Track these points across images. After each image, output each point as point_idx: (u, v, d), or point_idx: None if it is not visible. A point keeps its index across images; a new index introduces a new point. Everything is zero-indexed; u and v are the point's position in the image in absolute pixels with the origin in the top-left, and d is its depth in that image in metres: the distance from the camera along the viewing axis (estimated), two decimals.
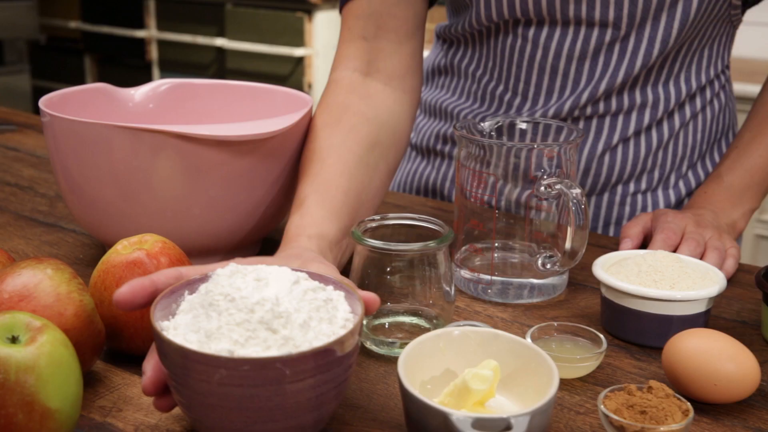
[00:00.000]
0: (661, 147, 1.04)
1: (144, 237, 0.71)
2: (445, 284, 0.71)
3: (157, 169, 0.80)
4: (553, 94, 1.01)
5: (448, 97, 1.12)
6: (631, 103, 1.00)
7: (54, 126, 0.82)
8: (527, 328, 0.76)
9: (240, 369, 0.51)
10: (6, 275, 0.63)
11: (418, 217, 0.74)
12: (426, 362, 0.63)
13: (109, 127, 0.79)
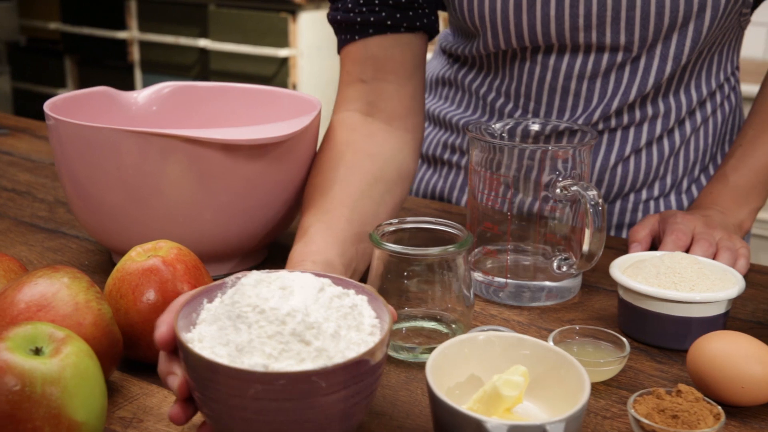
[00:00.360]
0: (673, 154, 1.03)
1: (158, 243, 0.70)
2: (464, 289, 0.70)
3: (167, 173, 0.78)
4: (565, 112, 0.99)
5: (453, 109, 1.11)
6: (642, 116, 0.99)
7: (60, 131, 0.81)
8: (545, 332, 0.75)
9: (276, 383, 0.50)
10: (22, 284, 0.61)
11: (435, 220, 0.73)
12: (451, 368, 0.62)
13: (118, 132, 0.77)
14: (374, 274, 0.71)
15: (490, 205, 0.80)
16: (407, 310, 0.72)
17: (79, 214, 0.85)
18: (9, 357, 0.52)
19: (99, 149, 0.79)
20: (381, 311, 0.58)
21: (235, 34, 3.39)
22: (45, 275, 0.62)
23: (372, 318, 0.57)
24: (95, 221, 0.83)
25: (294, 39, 3.29)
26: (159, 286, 0.66)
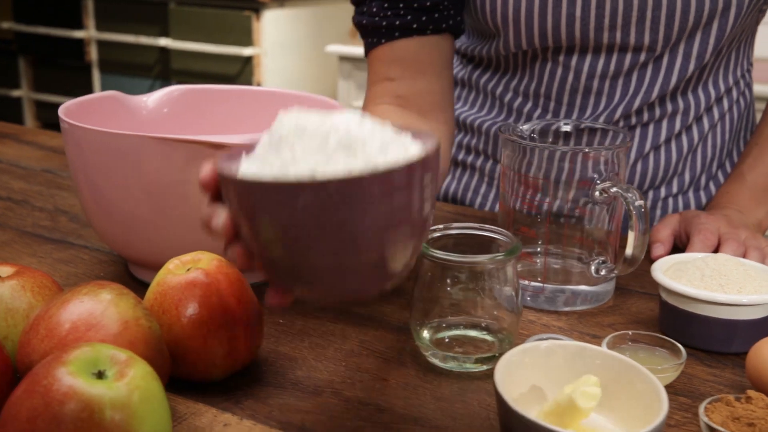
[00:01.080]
0: (692, 150, 1.03)
1: (197, 255, 0.68)
2: (512, 297, 0.68)
3: (192, 181, 0.75)
4: (586, 111, 0.98)
5: (467, 110, 1.10)
6: (662, 113, 0.99)
7: (79, 138, 0.77)
8: (587, 337, 0.74)
9: (326, 190, 0.46)
10: (66, 302, 0.58)
11: (480, 226, 0.71)
12: (513, 379, 0.60)
13: (142, 138, 0.74)
14: (421, 280, 0.69)
15: (525, 208, 0.79)
16: (450, 318, 0.70)
17: (97, 224, 0.82)
18: (73, 382, 0.49)
19: (121, 156, 0.76)
20: (427, 140, 0.52)
21: (197, 32, 3.34)
22: (90, 292, 0.59)
23: (417, 144, 0.51)
24: (114, 230, 0.80)
25: (258, 37, 3.25)
26: (202, 300, 0.64)
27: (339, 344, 0.72)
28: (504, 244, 0.70)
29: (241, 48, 3.24)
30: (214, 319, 0.64)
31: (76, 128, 0.77)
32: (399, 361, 0.70)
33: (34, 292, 0.64)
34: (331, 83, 3.53)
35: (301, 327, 0.75)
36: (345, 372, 0.68)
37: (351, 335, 0.74)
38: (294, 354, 0.71)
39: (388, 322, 0.76)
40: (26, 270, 0.66)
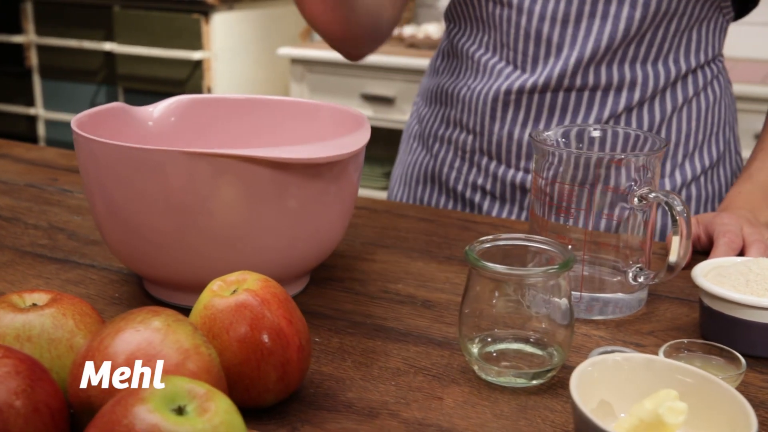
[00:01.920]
0: (653, 130, 1.06)
1: (242, 275, 0.65)
2: (566, 310, 0.67)
3: (217, 196, 0.73)
4: (539, 61, 1.04)
5: (447, 78, 1.16)
6: (620, 78, 1.03)
7: (96, 152, 0.74)
8: (633, 346, 0.73)
9: None
10: (120, 332, 0.55)
11: (529, 237, 0.70)
12: (582, 395, 0.59)
13: (165, 153, 0.71)
14: (471, 293, 0.67)
15: (562, 217, 0.77)
16: (501, 331, 0.68)
17: (112, 241, 0.78)
18: (157, 420, 0.46)
19: (143, 171, 0.72)
20: None
21: (144, 36, 3.26)
22: (144, 318, 0.56)
23: None
24: (132, 248, 0.77)
25: (207, 41, 3.19)
26: (254, 323, 0.61)
27: (382, 362, 0.70)
28: (555, 255, 0.68)
29: (191, 52, 3.18)
30: (267, 343, 0.61)
31: (93, 142, 0.74)
32: (449, 377, 0.68)
33: (76, 320, 0.60)
34: (284, 86, 3.49)
35: (339, 345, 0.73)
36: (396, 391, 0.66)
37: (392, 352, 0.71)
38: (339, 374, 0.68)
39: (427, 337, 0.74)
40: (63, 296, 0.62)
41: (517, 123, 1.07)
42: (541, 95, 1.05)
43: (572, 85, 1.04)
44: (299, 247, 0.77)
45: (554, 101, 1.05)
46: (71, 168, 1.19)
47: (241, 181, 0.72)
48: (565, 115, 1.05)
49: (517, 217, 1.11)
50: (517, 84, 1.05)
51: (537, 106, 1.05)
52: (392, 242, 0.95)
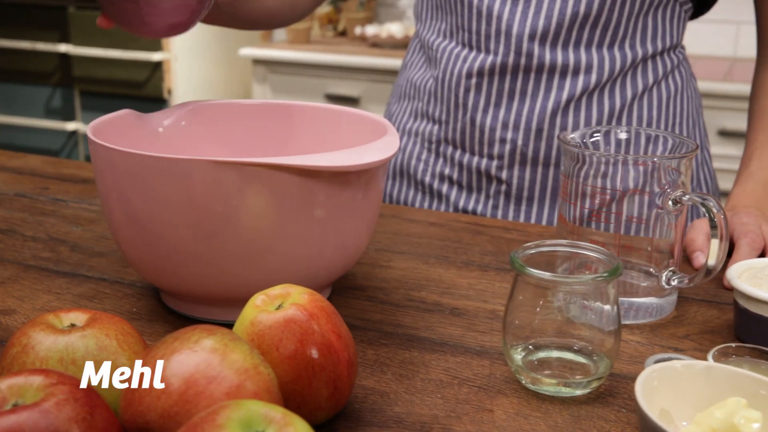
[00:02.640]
0: (614, 116, 1.08)
1: (285, 289, 0.62)
2: (614, 318, 0.66)
3: (244, 205, 0.70)
4: (491, 39, 1.06)
5: (414, 72, 1.19)
6: (576, 60, 1.05)
7: (116, 161, 0.71)
8: (671, 351, 0.72)
9: None
10: (175, 353, 0.52)
11: (572, 243, 0.69)
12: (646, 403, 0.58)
13: (191, 162, 0.68)
14: (515, 299, 0.66)
15: (594, 221, 0.76)
16: (546, 339, 0.67)
17: (132, 253, 0.75)
18: None
19: (168, 181, 0.69)
20: None
21: (101, 37, 3.19)
22: (200, 339, 0.53)
23: None
24: (155, 260, 0.74)
25: (167, 42, 3.13)
26: (305, 339, 0.59)
27: (423, 374, 0.68)
28: (602, 262, 0.67)
29: (150, 53, 3.12)
30: (318, 359, 0.59)
31: (113, 152, 0.71)
32: (494, 388, 0.66)
33: (119, 340, 0.58)
34: (245, 87, 3.45)
35: (375, 357, 0.71)
36: (444, 404, 0.64)
37: (431, 363, 0.70)
38: (381, 387, 0.66)
39: (463, 346, 0.72)
40: (102, 315, 0.59)
41: (479, 108, 1.08)
42: (501, 78, 1.06)
43: (529, 66, 1.05)
44: (326, 257, 0.75)
45: (513, 84, 1.06)
46: (60, 176, 1.15)
47: (269, 189, 0.70)
48: (525, 98, 1.06)
49: (483, 206, 1.11)
50: (476, 65, 1.07)
51: (497, 90, 1.06)
52: (407, 248, 0.93)
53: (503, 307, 0.79)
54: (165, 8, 0.79)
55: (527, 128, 1.06)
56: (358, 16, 3.24)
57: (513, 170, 1.08)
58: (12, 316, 0.76)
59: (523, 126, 1.06)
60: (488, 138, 1.08)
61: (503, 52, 1.05)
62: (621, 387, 0.67)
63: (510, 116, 1.06)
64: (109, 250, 0.91)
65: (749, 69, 1.23)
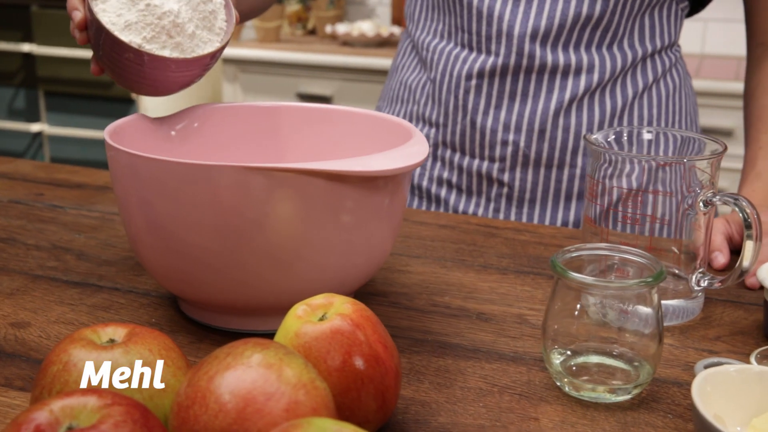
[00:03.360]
0: (616, 115, 1.07)
1: (327, 298, 0.61)
2: (656, 323, 0.65)
3: (272, 212, 0.68)
4: (492, 41, 1.04)
5: (408, 74, 1.17)
6: (578, 60, 1.04)
7: (139, 167, 0.68)
8: (706, 353, 0.72)
9: (143, 57, 0.76)
10: (229, 369, 0.50)
11: (613, 246, 0.68)
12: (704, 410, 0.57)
13: (217, 167, 0.66)
14: (554, 303, 0.65)
15: (620, 223, 0.75)
16: (583, 344, 0.66)
17: (153, 261, 0.73)
18: None
19: (193, 187, 0.67)
20: (230, 16, 0.82)
21: (65, 37, 3.13)
22: (254, 354, 0.51)
23: (222, 21, 0.82)
24: (177, 268, 0.71)
25: None
26: (353, 350, 0.57)
27: (461, 382, 0.67)
28: (645, 266, 0.66)
29: None
30: (366, 371, 0.57)
31: (137, 158, 0.68)
32: (536, 395, 0.65)
33: (163, 356, 0.55)
34: (216, 87, 3.40)
35: (409, 365, 0.69)
36: (488, 414, 0.63)
37: (467, 371, 0.68)
38: (421, 397, 0.65)
39: (497, 353, 0.71)
40: (141, 330, 0.57)
41: (479, 110, 1.06)
42: (501, 79, 1.05)
43: (531, 67, 1.04)
44: (354, 263, 0.73)
45: (514, 86, 1.05)
46: (54, 181, 1.12)
47: (298, 195, 0.68)
48: (526, 99, 1.05)
49: (484, 210, 1.11)
50: (476, 67, 1.06)
51: (498, 91, 1.05)
52: (421, 252, 0.92)
53: (530, 311, 0.78)
54: (174, 74, 0.78)
55: (529, 129, 1.05)
56: (328, 15, 3.21)
57: (515, 172, 1.07)
58: (26, 329, 0.73)
59: (525, 127, 1.05)
60: (489, 140, 1.07)
61: (504, 53, 1.04)
62: (663, 392, 0.66)
63: (512, 118, 1.05)
64: (117, 258, 0.88)
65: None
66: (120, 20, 0.76)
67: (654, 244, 0.76)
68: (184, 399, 0.51)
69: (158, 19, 0.77)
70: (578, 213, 1.09)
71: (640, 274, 0.67)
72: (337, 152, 0.85)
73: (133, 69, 0.77)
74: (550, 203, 1.09)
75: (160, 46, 0.77)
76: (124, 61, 0.77)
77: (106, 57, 0.78)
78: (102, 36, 0.76)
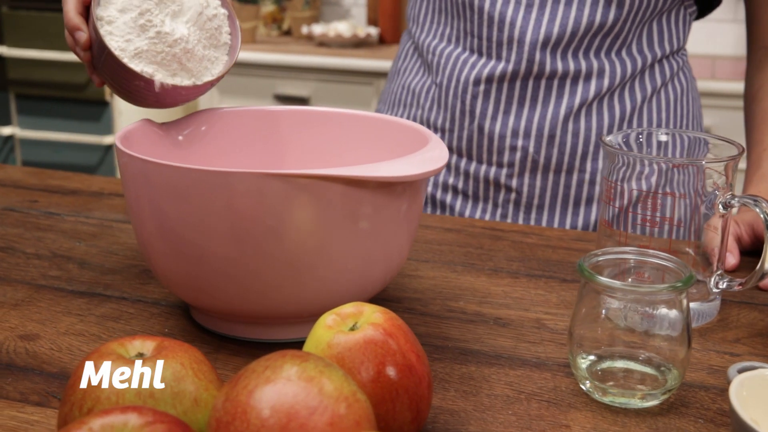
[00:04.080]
0: (625, 120, 1.07)
1: (357, 307, 0.60)
2: (685, 327, 0.64)
3: (289, 218, 0.67)
4: (503, 46, 1.03)
5: (411, 78, 1.15)
6: (588, 66, 1.04)
7: (151, 174, 0.67)
8: (728, 356, 0.71)
9: (152, 86, 0.75)
10: (269, 383, 0.49)
11: (640, 251, 0.67)
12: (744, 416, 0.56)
13: (234, 174, 0.65)
14: (581, 307, 0.64)
15: (639, 226, 0.75)
16: (610, 349, 0.65)
17: (166, 270, 0.71)
18: None
19: (208, 194, 0.66)
20: (235, 28, 0.81)
21: (37, 38, 3.08)
22: (294, 367, 0.50)
23: (227, 35, 0.81)
24: (192, 277, 0.70)
25: None
26: (387, 360, 0.56)
27: (487, 389, 0.66)
28: (667, 269, 0.65)
29: None
30: (401, 381, 0.56)
31: (149, 164, 0.67)
32: (564, 402, 0.64)
33: (194, 369, 0.54)
34: None
35: (433, 373, 0.68)
36: (518, 422, 0.62)
37: (491, 378, 0.67)
38: (449, 406, 0.64)
39: (519, 359, 0.70)
40: (169, 343, 0.55)
41: (487, 115, 1.05)
42: (510, 84, 1.05)
43: (541, 73, 1.03)
44: (372, 270, 0.72)
45: (524, 91, 1.05)
46: (47, 188, 1.09)
47: (317, 201, 0.67)
48: (536, 104, 1.04)
49: (491, 216, 1.10)
50: (485, 72, 1.05)
51: (507, 96, 1.04)
52: (430, 256, 0.91)
53: (546, 315, 0.77)
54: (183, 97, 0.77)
55: (539, 135, 1.04)
56: (303, 15, 3.19)
57: (523, 178, 1.06)
58: (36, 341, 0.71)
59: (534, 132, 1.04)
60: (497, 146, 1.06)
61: (515, 59, 1.03)
62: (691, 396, 0.65)
63: (521, 123, 1.05)
64: (121, 266, 0.86)
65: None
66: (129, 46, 0.74)
67: (674, 246, 0.75)
68: (223, 414, 0.49)
69: (169, 47, 0.75)
70: (586, 218, 1.08)
71: (660, 277, 0.66)
72: (348, 157, 0.84)
73: (141, 93, 0.76)
74: (558, 209, 1.08)
75: (171, 73, 0.76)
76: (132, 86, 0.75)
77: (110, 77, 0.76)
78: (108, 59, 0.74)
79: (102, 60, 0.75)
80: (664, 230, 0.75)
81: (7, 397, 0.63)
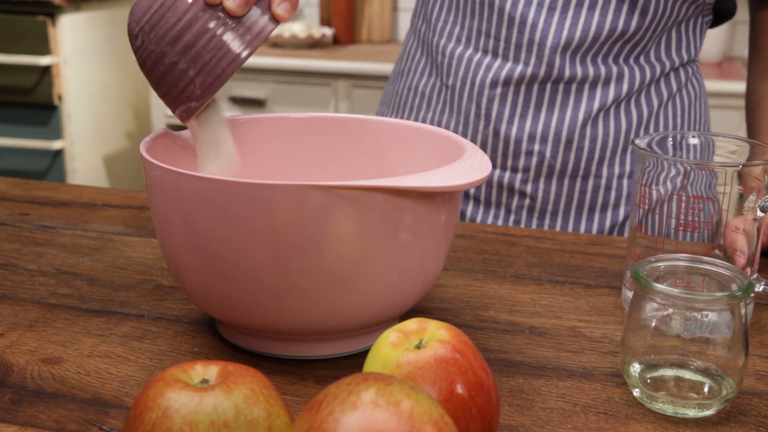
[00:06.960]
0: (642, 125, 1.07)
1: (420, 324, 0.58)
2: (743, 336, 0.63)
3: (330, 230, 0.64)
4: (522, 49, 1.02)
5: (418, 79, 1.13)
6: (608, 72, 1.03)
7: (184, 187, 0.64)
8: None
9: None
10: (353, 408, 0.47)
11: (693, 257, 0.66)
12: None
13: (271, 186, 0.62)
14: (639, 319, 0.63)
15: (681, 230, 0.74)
16: (665, 358, 0.64)
17: (196, 285, 0.68)
18: None
19: (245, 207, 0.63)
20: None
21: None
22: (379, 390, 0.48)
23: None
24: (224, 292, 0.67)
25: (55, 45, 2.96)
26: (460, 379, 0.54)
27: (540, 403, 0.64)
28: (729, 279, 0.64)
29: (37, 57, 2.93)
30: (473, 399, 0.54)
31: (182, 176, 0.64)
32: (621, 413, 0.63)
33: (265, 395, 0.51)
34: (143, 93, 3.30)
35: None
36: None
37: (542, 390, 0.66)
38: (506, 421, 0.62)
39: (566, 369, 0.69)
40: (234, 367, 0.52)
41: (503, 119, 1.04)
42: (528, 88, 1.03)
43: (560, 77, 1.02)
44: (412, 282, 0.70)
45: (542, 95, 1.03)
46: (35, 200, 1.05)
47: (357, 213, 0.64)
48: (553, 108, 1.03)
49: (503, 222, 1.08)
50: (502, 74, 1.03)
51: (524, 100, 1.03)
52: (448, 264, 0.89)
53: (580, 322, 0.76)
54: None
55: (556, 139, 1.03)
56: None
57: (539, 183, 1.05)
58: (61, 365, 0.68)
59: (551, 137, 1.03)
60: (513, 150, 1.04)
61: (534, 62, 1.02)
62: (746, 404, 0.65)
63: (538, 127, 1.03)
64: (132, 282, 0.83)
65: None
66: None
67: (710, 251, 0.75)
68: None
69: None
70: (601, 224, 1.07)
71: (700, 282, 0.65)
72: (382, 166, 0.82)
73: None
74: (572, 215, 1.07)
75: None
76: None
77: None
78: None
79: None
80: (694, 234, 0.74)
81: (42, 427, 0.60)
